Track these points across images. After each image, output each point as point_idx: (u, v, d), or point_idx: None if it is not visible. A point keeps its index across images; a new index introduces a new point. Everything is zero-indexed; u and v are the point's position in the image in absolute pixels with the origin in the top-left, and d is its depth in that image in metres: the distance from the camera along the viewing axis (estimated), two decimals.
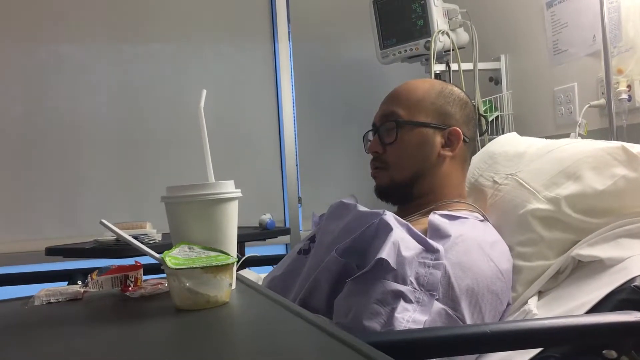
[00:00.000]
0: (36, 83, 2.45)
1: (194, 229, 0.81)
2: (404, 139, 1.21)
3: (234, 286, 0.84)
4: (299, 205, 2.69)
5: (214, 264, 0.72)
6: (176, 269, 0.71)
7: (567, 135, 1.84)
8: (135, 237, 0.77)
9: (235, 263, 0.78)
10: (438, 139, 1.22)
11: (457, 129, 1.22)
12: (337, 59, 2.84)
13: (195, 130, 0.89)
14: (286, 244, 2.71)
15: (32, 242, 2.32)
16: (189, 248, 0.77)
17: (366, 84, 2.77)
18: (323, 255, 1.05)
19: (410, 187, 1.22)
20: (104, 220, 0.73)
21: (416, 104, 1.23)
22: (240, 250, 1.99)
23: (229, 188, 0.83)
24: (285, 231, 2.22)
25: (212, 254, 0.76)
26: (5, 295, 0.93)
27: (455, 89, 1.28)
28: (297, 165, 2.70)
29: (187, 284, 0.71)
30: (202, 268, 0.71)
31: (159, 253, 0.74)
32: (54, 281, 1.70)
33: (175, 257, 0.73)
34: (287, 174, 2.66)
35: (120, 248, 1.55)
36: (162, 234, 1.67)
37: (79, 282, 1.58)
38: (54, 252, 1.73)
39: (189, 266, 0.71)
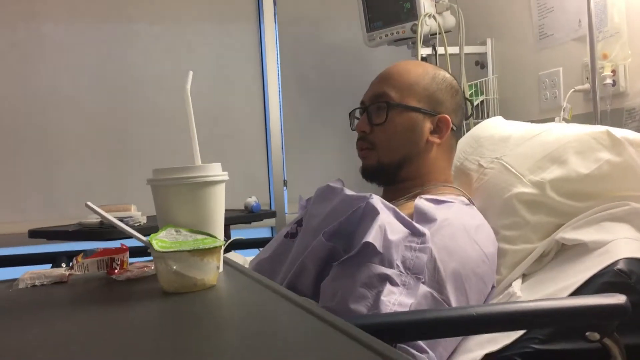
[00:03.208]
0: (15, 63, 2.39)
1: (181, 212, 0.80)
2: (394, 121, 1.21)
3: (221, 269, 0.83)
4: (285, 188, 2.68)
5: (201, 247, 0.72)
6: (163, 252, 0.70)
7: (552, 120, 1.85)
8: (121, 220, 0.76)
9: (222, 246, 0.78)
10: (427, 125, 1.22)
11: (447, 116, 1.22)
12: (324, 41, 2.82)
13: (180, 112, 0.87)
14: (272, 227, 2.71)
15: (15, 224, 2.29)
16: (176, 231, 0.77)
17: (352, 66, 2.75)
18: (310, 238, 1.05)
19: (396, 170, 1.22)
20: (89, 203, 0.72)
21: (409, 87, 1.23)
22: (226, 232, 1.98)
23: (216, 171, 0.83)
24: (270, 214, 2.21)
25: (199, 237, 0.76)
26: None
27: (447, 75, 1.28)
28: (282, 147, 2.68)
29: (174, 267, 0.71)
30: (189, 251, 0.71)
31: (145, 236, 0.74)
32: (37, 264, 1.69)
33: (162, 240, 0.73)
34: (272, 156, 2.65)
35: (104, 231, 1.54)
36: (147, 216, 1.66)
37: (63, 265, 1.57)
38: (37, 234, 1.70)
39: (176, 249, 0.71)
